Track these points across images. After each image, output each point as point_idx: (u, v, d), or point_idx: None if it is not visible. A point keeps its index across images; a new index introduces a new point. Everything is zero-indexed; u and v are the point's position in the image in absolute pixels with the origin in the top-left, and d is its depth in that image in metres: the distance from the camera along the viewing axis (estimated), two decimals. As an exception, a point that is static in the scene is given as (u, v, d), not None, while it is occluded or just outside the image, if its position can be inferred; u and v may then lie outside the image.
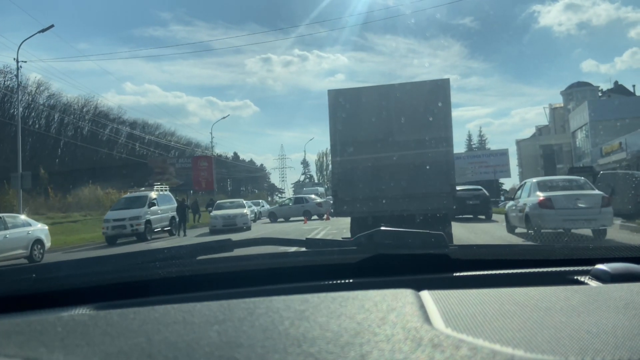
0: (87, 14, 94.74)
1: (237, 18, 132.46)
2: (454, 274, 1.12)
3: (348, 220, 10.81)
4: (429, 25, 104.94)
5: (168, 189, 23.04)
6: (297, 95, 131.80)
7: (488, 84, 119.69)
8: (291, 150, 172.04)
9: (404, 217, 9.14)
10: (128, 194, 21.43)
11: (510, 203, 13.90)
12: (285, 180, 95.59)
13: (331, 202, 34.42)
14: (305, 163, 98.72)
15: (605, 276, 1.00)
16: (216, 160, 79.09)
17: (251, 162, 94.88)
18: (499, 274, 1.09)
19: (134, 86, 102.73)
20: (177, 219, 22.34)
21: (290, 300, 0.81)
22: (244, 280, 1.10)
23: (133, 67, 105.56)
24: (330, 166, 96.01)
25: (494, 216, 20.96)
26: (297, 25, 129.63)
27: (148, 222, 19.51)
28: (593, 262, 1.09)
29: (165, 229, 21.22)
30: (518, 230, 12.82)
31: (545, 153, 59.76)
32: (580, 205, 10.81)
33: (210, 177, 35.27)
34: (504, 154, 51.29)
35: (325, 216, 26.75)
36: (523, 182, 14.16)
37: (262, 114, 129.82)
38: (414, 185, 9.32)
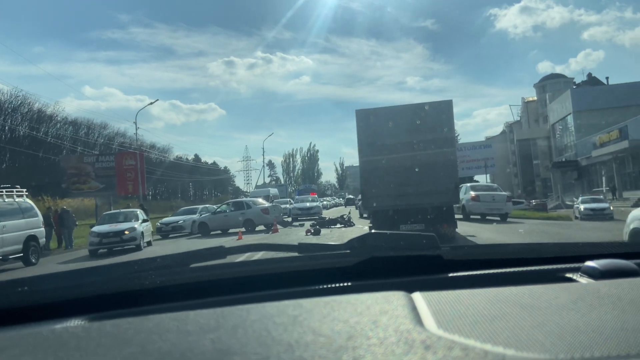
0: (41, 16, 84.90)
1: (198, 20, 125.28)
2: (446, 275, 1.08)
3: (302, 234, 15.81)
4: (392, 28, 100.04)
5: (25, 194, 14.47)
6: (262, 98, 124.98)
7: (449, 85, 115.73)
8: (258, 153, 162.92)
9: (417, 210, 10.77)
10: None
11: None
12: (250, 182, 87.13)
13: (282, 206, 27.33)
14: (271, 165, 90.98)
15: (595, 273, 0.98)
16: (173, 164, 70.78)
17: (214, 164, 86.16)
18: (491, 273, 1.07)
19: (94, 90, 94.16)
20: (43, 239, 14.19)
21: (283, 305, 0.78)
22: (237, 286, 1.04)
23: (92, 71, 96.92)
24: (297, 167, 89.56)
25: None
26: (260, 28, 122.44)
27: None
28: (582, 259, 1.06)
29: (14, 256, 12.93)
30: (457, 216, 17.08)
31: (521, 149, 53.25)
32: (494, 199, 19.44)
33: (137, 178, 26.78)
34: (488, 146, 44.36)
35: (273, 227, 18.88)
36: (461, 185, 18.00)
37: (227, 117, 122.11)
38: (425, 183, 10.74)
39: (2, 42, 76.39)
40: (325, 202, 34.82)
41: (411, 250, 1.18)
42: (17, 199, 13.66)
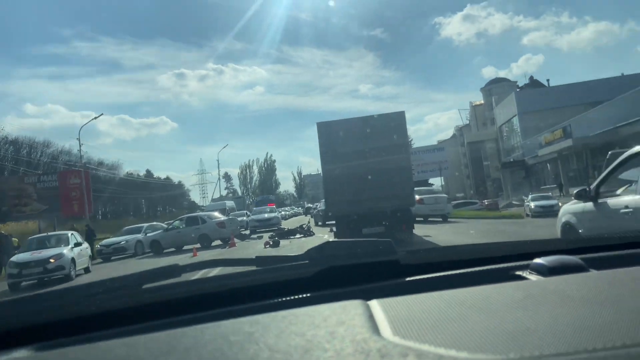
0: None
1: (145, 33, 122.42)
2: (403, 280, 1.08)
3: (260, 247, 15.72)
4: (342, 37, 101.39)
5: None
6: (215, 110, 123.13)
7: (401, 92, 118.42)
8: (213, 165, 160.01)
9: (377, 214, 11.65)
10: None
11: None
12: (206, 196, 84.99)
13: (239, 219, 26.59)
14: (227, 177, 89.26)
15: (543, 269, 0.99)
16: (124, 181, 67.85)
17: (167, 179, 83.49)
18: (446, 275, 1.07)
19: (36, 107, 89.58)
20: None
21: (239, 323, 0.75)
22: (192, 305, 1.00)
23: (33, 88, 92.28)
24: (254, 178, 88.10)
25: None
26: (211, 39, 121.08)
27: None
28: (532, 256, 1.07)
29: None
30: None
31: (472, 151, 54.66)
32: (436, 202, 21.49)
33: (83, 198, 25.29)
34: (441, 149, 45.10)
35: (230, 241, 18.16)
36: None
37: (180, 130, 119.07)
38: (383, 189, 11.45)
39: None
40: (284, 212, 34.03)
41: (369, 257, 1.17)
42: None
